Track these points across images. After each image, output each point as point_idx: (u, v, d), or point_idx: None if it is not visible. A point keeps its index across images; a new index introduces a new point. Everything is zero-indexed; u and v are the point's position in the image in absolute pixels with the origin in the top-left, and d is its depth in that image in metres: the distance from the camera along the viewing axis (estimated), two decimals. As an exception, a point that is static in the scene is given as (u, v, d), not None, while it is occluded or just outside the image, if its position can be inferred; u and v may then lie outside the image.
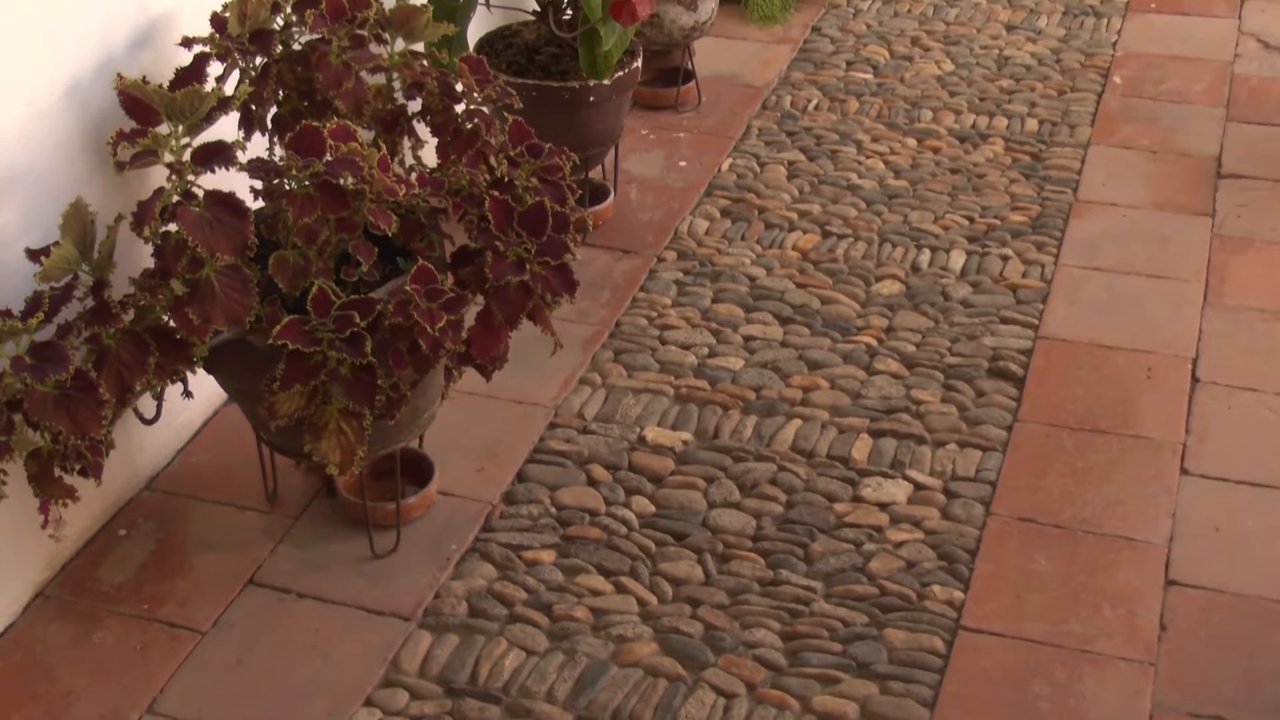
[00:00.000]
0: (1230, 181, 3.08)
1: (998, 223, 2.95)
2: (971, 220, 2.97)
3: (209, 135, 1.92)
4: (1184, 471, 2.31)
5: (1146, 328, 2.64)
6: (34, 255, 1.84)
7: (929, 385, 2.51)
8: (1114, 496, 2.26)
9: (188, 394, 1.99)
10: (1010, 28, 3.78)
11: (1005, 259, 2.84)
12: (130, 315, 1.86)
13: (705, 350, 2.60)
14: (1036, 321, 2.66)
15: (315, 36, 2.12)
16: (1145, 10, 3.86)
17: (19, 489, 1.84)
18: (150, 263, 1.91)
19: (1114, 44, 3.68)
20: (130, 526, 2.19)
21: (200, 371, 1.94)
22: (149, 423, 2.03)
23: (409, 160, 2.19)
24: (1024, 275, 2.80)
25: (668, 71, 3.40)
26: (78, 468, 1.79)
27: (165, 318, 1.85)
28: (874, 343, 2.62)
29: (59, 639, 2.01)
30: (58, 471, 1.80)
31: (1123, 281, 2.77)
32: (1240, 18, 3.80)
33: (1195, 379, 2.52)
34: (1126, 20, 3.81)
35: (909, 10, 3.88)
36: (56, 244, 1.82)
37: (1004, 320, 2.67)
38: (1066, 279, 2.78)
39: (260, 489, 2.24)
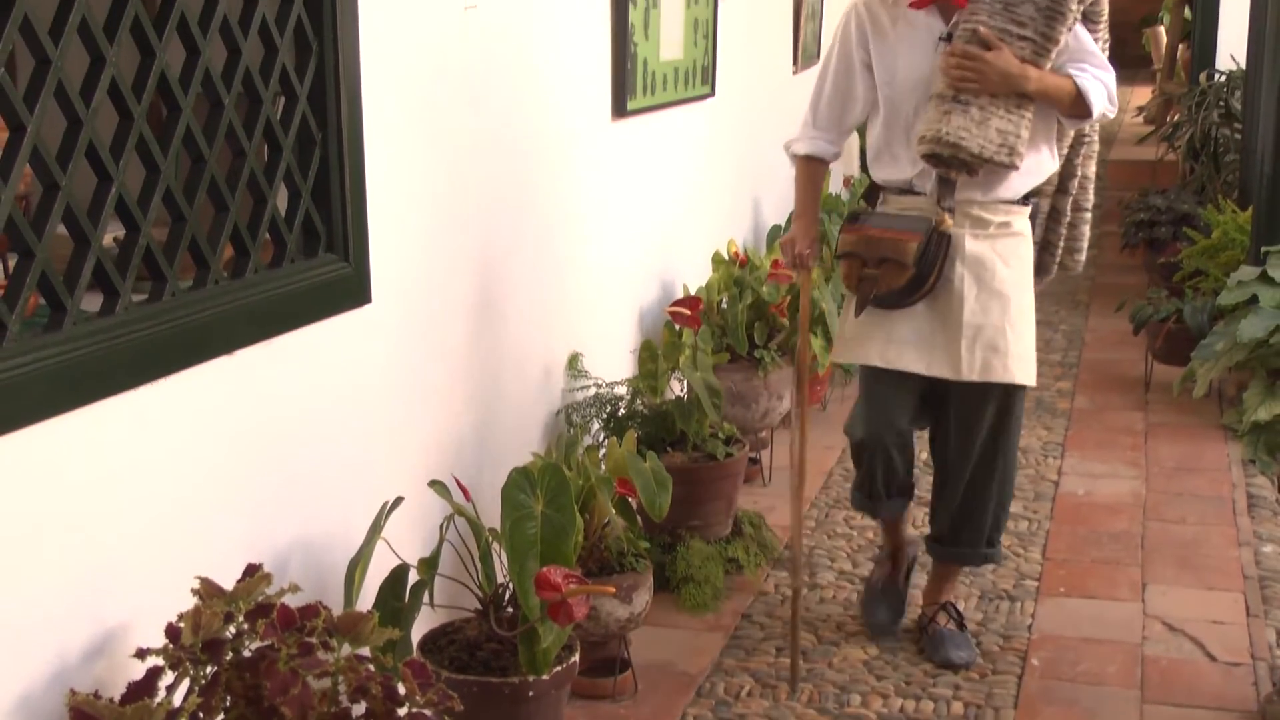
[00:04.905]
0: (1154, 763, 3.16)
1: (932, 810, 2.99)
2: (906, 807, 3.00)
3: (157, 745, 1.98)
4: None
5: None
6: None
7: None
8: None
9: None
10: (930, 612, 3.95)
11: None
12: None
13: None
14: None
15: (265, 644, 2.22)
16: (1055, 594, 4.07)
17: None
18: None
19: (1029, 627, 3.86)
20: None
21: None
22: None
23: (351, 764, 2.24)
24: None
25: (604, 661, 3.50)
26: None
27: None
28: None
29: None
30: None
31: None
32: (1144, 600, 4.01)
33: None
34: (1039, 603, 4.00)
35: (833, 596, 4.06)
36: None
37: None
38: None
39: None
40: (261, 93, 2.54)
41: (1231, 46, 8.80)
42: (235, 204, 2.49)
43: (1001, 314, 3.40)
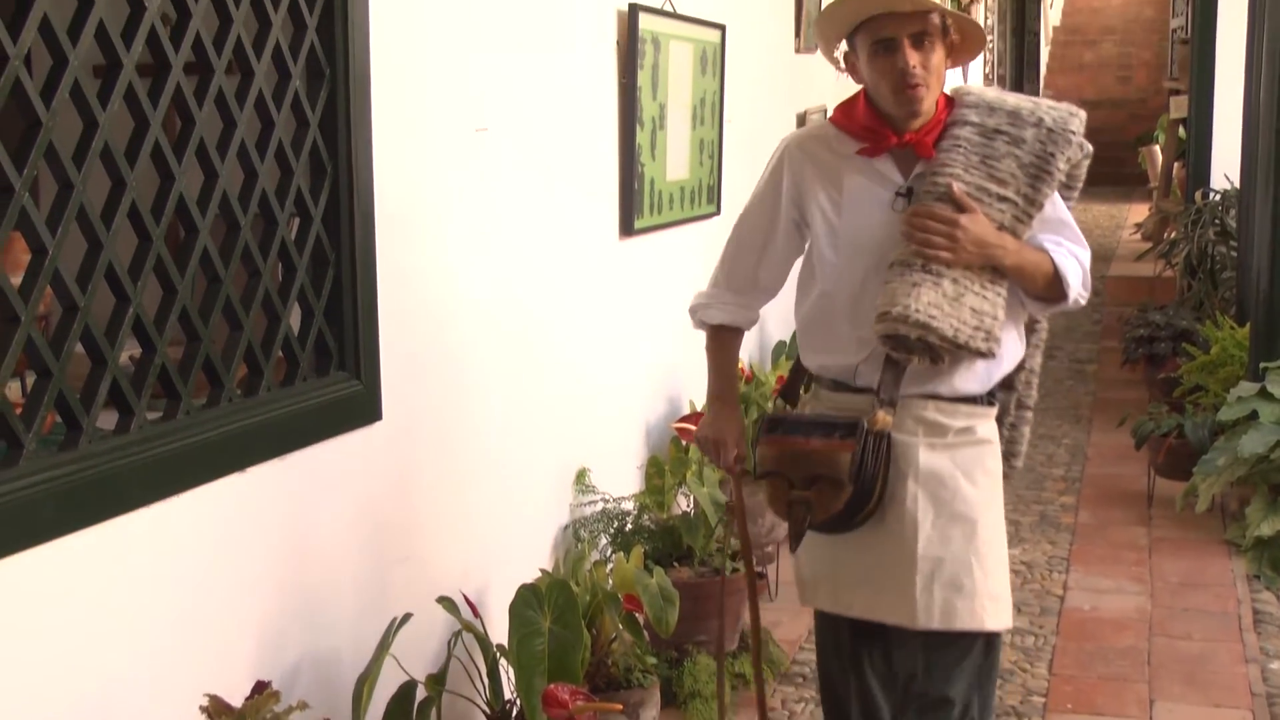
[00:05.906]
0: None
1: None
2: None
3: None
4: None
5: None
6: None
7: None
8: None
9: None
10: (938, 730, 3.92)
11: None
12: None
13: None
14: None
15: (274, 762, 2.22)
16: (1063, 710, 4.05)
17: None
18: None
19: (1038, 745, 3.84)
20: None
21: None
22: None
23: None
24: None
25: (610, 780, 3.48)
26: None
27: None
28: None
29: None
30: None
31: None
32: (1151, 717, 3.98)
33: None
34: (1047, 721, 3.98)
35: (840, 714, 4.04)
36: None
37: None
38: None
39: None
40: (277, 214, 2.60)
41: (1225, 165, 8.93)
42: (249, 323, 2.54)
43: (965, 543, 2.71)
